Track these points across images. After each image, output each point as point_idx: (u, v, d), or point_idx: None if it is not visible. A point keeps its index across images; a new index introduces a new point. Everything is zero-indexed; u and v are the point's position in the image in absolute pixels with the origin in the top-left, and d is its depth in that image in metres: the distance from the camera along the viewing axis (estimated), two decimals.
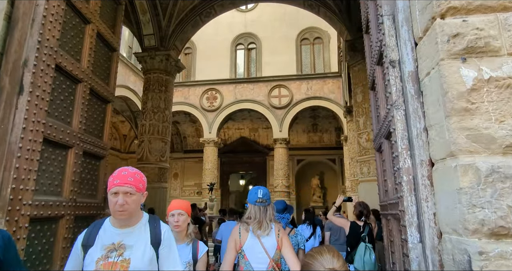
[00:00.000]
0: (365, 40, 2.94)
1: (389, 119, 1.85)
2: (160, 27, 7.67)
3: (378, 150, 2.57)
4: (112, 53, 3.13)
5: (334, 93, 15.81)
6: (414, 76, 1.55)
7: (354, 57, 7.00)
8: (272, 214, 2.16)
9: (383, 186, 2.54)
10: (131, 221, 1.60)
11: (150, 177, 7.11)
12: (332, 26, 8.06)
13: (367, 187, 6.20)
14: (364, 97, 6.63)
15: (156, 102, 7.49)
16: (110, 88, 3.06)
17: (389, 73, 1.70)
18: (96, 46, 2.81)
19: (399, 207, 1.63)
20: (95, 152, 2.74)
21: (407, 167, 1.53)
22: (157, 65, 7.66)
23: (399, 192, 1.63)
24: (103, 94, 2.91)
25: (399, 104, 1.62)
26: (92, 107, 2.77)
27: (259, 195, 2.17)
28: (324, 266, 1.09)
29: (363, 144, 6.48)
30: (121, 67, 14.96)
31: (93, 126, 2.79)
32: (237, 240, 2.14)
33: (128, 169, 1.66)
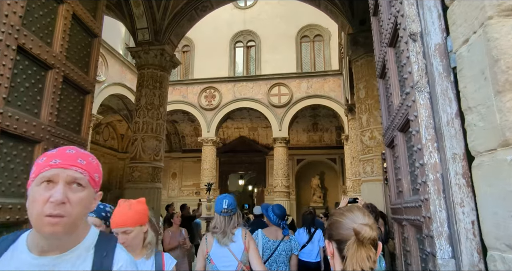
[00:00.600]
0: (372, 24, 2.64)
1: (407, 106, 1.54)
2: (155, 21, 7.37)
3: (389, 145, 2.26)
4: (92, 39, 2.83)
5: (335, 91, 15.51)
6: (442, 50, 1.24)
7: (356, 51, 6.70)
8: (237, 222, 2.26)
9: (395, 187, 2.24)
10: (67, 241, 0.89)
11: (144, 177, 6.81)
12: (333, 20, 7.77)
13: (370, 187, 5.90)
14: (367, 93, 6.33)
15: (150, 99, 7.19)
16: (90, 77, 2.76)
17: (408, 49, 1.40)
18: (72, 30, 2.51)
19: (422, 212, 1.33)
20: None
21: (434, 163, 1.23)
22: (151, 61, 7.36)
23: (422, 194, 1.33)
24: (81, 84, 2.61)
25: (422, 86, 1.32)
26: (67, 98, 2.47)
27: (224, 205, 2.22)
28: (356, 222, 1.02)
29: (366, 142, 6.19)
30: (118, 65, 14.67)
31: (68, 120, 2.49)
32: (203, 248, 2.26)
33: (76, 148, 0.99)
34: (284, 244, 2.83)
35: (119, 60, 14.62)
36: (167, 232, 3.59)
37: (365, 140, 6.22)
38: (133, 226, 1.59)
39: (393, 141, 2.09)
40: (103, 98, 13.66)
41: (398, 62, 1.89)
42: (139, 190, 6.72)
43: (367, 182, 6.07)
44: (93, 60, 2.81)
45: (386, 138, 2.29)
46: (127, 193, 6.91)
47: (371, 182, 5.97)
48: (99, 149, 19.25)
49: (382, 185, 5.78)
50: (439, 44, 1.25)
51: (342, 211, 1.11)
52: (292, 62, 16.69)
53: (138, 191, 6.72)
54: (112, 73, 14.18)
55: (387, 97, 2.35)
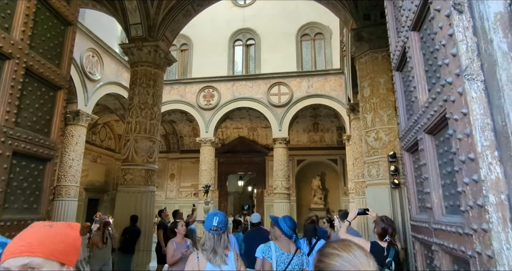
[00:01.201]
0: (386, 9, 2.28)
1: (443, 101, 1.19)
2: (148, 16, 7.01)
3: (409, 149, 1.91)
4: (66, 28, 2.48)
5: (336, 91, 15.15)
6: (506, 21, 0.89)
7: (360, 47, 6.35)
8: (228, 241, 2.18)
9: (416, 199, 1.89)
10: None
11: (136, 180, 6.46)
12: (336, 14, 7.41)
13: (376, 191, 5.56)
14: (372, 91, 5.98)
15: (144, 97, 6.83)
16: (63, 71, 2.41)
17: (452, 24, 1.05)
18: (38, 15, 2.17)
19: (473, 245, 0.97)
20: (35, 153, 2.09)
21: (495, 179, 0.88)
22: (144, 58, 7.00)
23: (474, 220, 0.98)
24: (50, 78, 2.26)
25: (474, 73, 0.97)
26: (32, 94, 2.12)
27: (214, 223, 2.12)
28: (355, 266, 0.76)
29: (371, 143, 5.84)
30: (114, 63, 14.32)
31: (34, 119, 2.13)
32: (194, 266, 2.15)
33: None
34: (297, 258, 2.55)
35: (115, 58, 14.26)
36: (171, 243, 3.09)
37: (370, 141, 5.87)
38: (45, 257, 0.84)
39: (416, 145, 1.74)
40: (98, 97, 13.31)
41: (425, 49, 1.54)
42: (132, 193, 6.38)
43: (372, 186, 5.72)
44: (66, 52, 2.46)
45: (405, 141, 1.94)
46: (119, 197, 6.56)
47: (377, 185, 5.62)
48: (95, 150, 18.91)
49: (389, 189, 5.43)
50: (501, 13, 0.90)
51: (336, 247, 0.84)
52: (293, 61, 16.33)
53: (130, 195, 6.38)
54: (107, 72, 13.82)
55: (406, 93, 2.00)
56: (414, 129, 1.69)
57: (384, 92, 5.91)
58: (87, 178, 18.06)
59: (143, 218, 6.35)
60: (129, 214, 6.26)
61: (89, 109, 12.54)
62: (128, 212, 6.26)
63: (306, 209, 18.87)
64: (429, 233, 1.53)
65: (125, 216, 6.17)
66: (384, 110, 5.82)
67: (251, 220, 4.14)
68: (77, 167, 11.59)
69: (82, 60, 12.13)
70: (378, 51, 6.16)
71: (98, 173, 19.01)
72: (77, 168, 11.56)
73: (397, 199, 5.35)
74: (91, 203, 18.27)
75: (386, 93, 5.89)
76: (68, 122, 11.78)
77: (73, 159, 11.44)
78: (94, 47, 12.94)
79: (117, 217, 6.37)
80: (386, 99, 5.87)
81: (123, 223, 6.05)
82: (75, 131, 11.72)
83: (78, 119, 11.86)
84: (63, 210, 10.89)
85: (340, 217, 3.86)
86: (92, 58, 12.90)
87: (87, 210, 17.82)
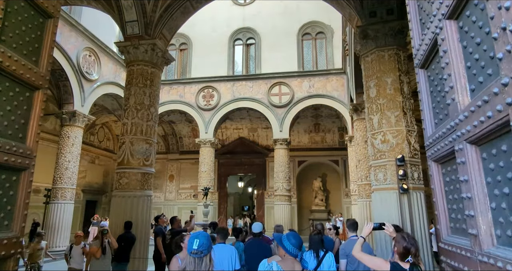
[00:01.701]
0: None
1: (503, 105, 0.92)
2: (145, 13, 6.74)
3: (439, 159, 1.64)
4: (45, 21, 2.21)
5: (338, 91, 14.88)
6: None
7: (366, 45, 6.08)
8: (210, 265, 2.05)
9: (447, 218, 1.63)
10: None
11: (132, 184, 6.18)
12: (340, 11, 7.14)
13: (383, 196, 5.28)
14: (378, 91, 5.71)
15: (140, 98, 6.56)
16: (41, 69, 2.14)
17: None
18: (11, 5, 1.90)
19: None
20: (6, 162, 1.82)
21: None
22: (141, 56, 6.72)
23: None
24: (25, 77, 1.99)
25: None
26: (3, 94, 1.85)
27: (194, 246, 1.98)
28: None
29: (378, 145, 5.56)
30: (111, 63, 14.05)
31: (5, 124, 1.87)
32: None
33: None
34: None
35: (113, 58, 13.99)
36: (175, 260, 2.72)
37: (377, 144, 5.60)
38: None
39: (450, 155, 1.47)
40: (95, 98, 13.03)
41: (467, 40, 1.27)
42: (127, 198, 6.10)
43: (379, 191, 5.44)
44: (46, 48, 2.19)
45: (434, 150, 1.67)
46: (113, 202, 6.28)
47: (384, 190, 5.34)
48: (93, 151, 18.64)
49: (397, 194, 5.16)
50: None
51: None
52: (293, 60, 16.06)
53: (125, 200, 6.10)
54: (105, 71, 13.55)
55: (433, 94, 1.73)
56: (450, 138, 1.42)
57: (391, 92, 5.63)
58: (85, 179, 17.80)
59: (139, 223, 6.07)
60: (124, 220, 5.98)
61: (86, 110, 12.26)
62: (124, 217, 5.99)
63: (307, 211, 18.61)
64: (472, 265, 1.26)
65: (120, 222, 5.90)
66: (392, 111, 5.55)
67: (253, 229, 3.87)
68: (74, 169, 11.32)
69: (78, 60, 11.86)
70: (385, 50, 5.89)
71: (96, 174, 18.75)
72: (73, 169, 11.29)
73: (406, 205, 5.08)
74: (89, 205, 18.01)
75: (394, 93, 5.62)
76: (64, 123, 11.51)
77: (69, 160, 11.17)
78: (91, 47, 12.67)
79: (112, 223, 6.09)
80: (393, 100, 5.60)
81: (118, 230, 5.77)
82: (72, 133, 11.44)
83: (75, 120, 11.58)
84: (58, 213, 10.62)
85: (348, 227, 3.58)
86: (89, 57, 12.63)
87: (85, 212, 17.57)
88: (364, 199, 10.14)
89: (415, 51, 1.91)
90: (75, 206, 15.08)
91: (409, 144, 5.40)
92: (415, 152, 5.43)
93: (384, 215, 5.17)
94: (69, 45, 11.43)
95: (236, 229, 4.26)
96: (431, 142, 1.71)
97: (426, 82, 1.82)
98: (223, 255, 3.44)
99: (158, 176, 20.07)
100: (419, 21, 1.86)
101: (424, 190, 5.33)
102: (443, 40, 1.42)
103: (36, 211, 13.68)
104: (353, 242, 3.40)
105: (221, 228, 3.71)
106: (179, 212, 19.29)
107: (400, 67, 5.77)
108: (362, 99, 10.74)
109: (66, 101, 11.78)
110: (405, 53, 6.00)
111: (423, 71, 1.85)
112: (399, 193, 5.13)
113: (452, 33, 1.35)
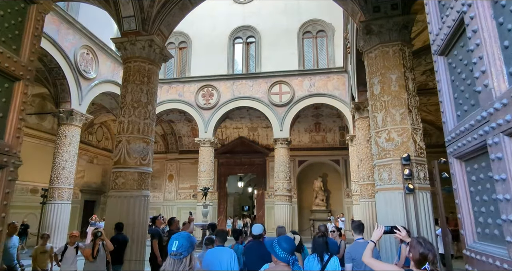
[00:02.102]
0: None
1: None
2: (142, 8, 6.56)
3: (463, 156, 1.47)
4: (27, 6, 2.03)
5: (339, 89, 14.70)
6: None
7: (370, 41, 5.90)
8: (190, 265, 2.00)
9: (473, 222, 1.45)
10: None
11: (129, 184, 6.00)
12: (342, 7, 6.96)
13: (388, 196, 5.10)
14: (383, 88, 5.53)
15: (137, 95, 6.37)
16: (22, 58, 1.96)
17: None
18: None
19: None
20: None
21: None
22: (138, 53, 6.54)
23: None
24: (4, 67, 1.81)
25: None
26: None
27: (173, 248, 1.97)
28: None
29: (382, 144, 5.38)
30: (110, 61, 13.86)
31: None
32: None
33: None
34: None
35: (111, 56, 13.80)
36: None
37: (381, 142, 5.42)
38: None
39: (478, 151, 1.29)
40: (93, 96, 12.83)
41: (503, 15, 1.09)
42: (123, 198, 5.92)
43: (383, 191, 5.26)
44: (28, 35, 2.01)
45: (457, 145, 1.49)
46: (109, 202, 6.10)
47: (389, 190, 5.16)
48: (92, 150, 18.46)
49: (403, 194, 4.98)
50: None
51: None
52: (294, 59, 15.87)
53: (122, 200, 5.92)
54: (103, 70, 13.36)
55: (454, 83, 1.56)
56: (480, 130, 1.24)
57: (396, 89, 5.45)
58: (83, 179, 17.62)
59: (136, 224, 5.90)
60: (120, 221, 5.81)
61: (83, 109, 12.07)
62: (120, 218, 5.81)
63: (307, 211, 18.43)
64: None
65: (116, 222, 5.72)
66: (397, 108, 5.37)
67: (252, 231, 3.69)
68: (71, 169, 11.13)
69: (76, 58, 11.67)
70: (389, 45, 5.71)
71: (95, 174, 18.56)
72: (70, 169, 11.10)
73: (412, 205, 4.90)
74: (87, 205, 17.82)
75: (399, 90, 5.44)
76: (61, 122, 11.32)
77: (66, 160, 10.98)
78: (89, 44, 12.48)
79: (108, 224, 5.91)
80: (398, 96, 5.42)
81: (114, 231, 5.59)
82: (69, 132, 11.24)
83: (72, 119, 11.39)
84: (55, 213, 10.43)
85: (354, 229, 3.40)
86: (87, 55, 12.44)
87: (83, 212, 17.38)
88: (367, 199, 9.95)
89: (433, 37, 1.73)
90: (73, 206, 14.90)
91: (415, 142, 5.22)
92: (421, 151, 5.25)
93: (389, 216, 5.00)
94: (66, 43, 11.24)
95: (235, 230, 4.08)
96: (454, 136, 1.53)
97: (446, 70, 1.64)
98: (221, 258, 3.28)
99: (157, 175, 19.89)
100: (438, 3, 1.68)
101: (430, 190, 5.15)
102: (472, 19, 1.24)
103: (33, 211, 13.51)
104: (359, 245, 3.22)
105: (220, 230, 3.53)
106: (178, 212, 19.11)
107: (405, 63, 5.59)
108: (364, 97, 10.58)
109: (63, 100, 11.59)
110: (410, 49, 5.82)
111: (443, 58, 1.67)
112: (404, 193, 4.95)
113: (484, 8, 1.17)
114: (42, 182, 13.07)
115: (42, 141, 14.92)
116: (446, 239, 5.45)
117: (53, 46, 10.67)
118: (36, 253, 5.45)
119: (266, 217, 18.26)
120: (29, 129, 14.35)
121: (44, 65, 11.09)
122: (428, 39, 10.14)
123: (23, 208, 13.99)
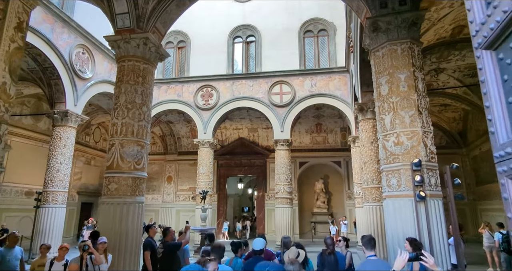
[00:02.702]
0: None
1: None
2: (136, 4, 6.23)
3: None
4: None
5: (341, 90, 14.38)
6: None
7: (377, 39, 5.58)
8: None
9: None
10: None
11: (122, 190, 5.67)
12: (347, 3, 6.64)
13: (397, 204, 4.78)
14: (391, 89, 5.22)
15: (131, 96, 6.05)
16: None
17: None
18: None
19: None
20: None
21: None
22: (132, 51, 6.22)
23: None
24: None
25: None
26: None
27: None
28: None
29: (390, 148, 5.07)
30: (107, 61, 13.53)
31: None
32: None
33: None
34: None
35: (108, 56, 13.47)
36: None
37: (389, 146, 5.09)
38: None
39: None
40: (89, 97, 12.50)
41: None
42: (116, 205, 5.59)
43: (392, 198, 4.93)
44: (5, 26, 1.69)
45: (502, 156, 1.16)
46: (101, 209, 5.78)
47: (398, 197, 4.84)
48: (89, 151, 18.13)
49: (413, 202, 4.66)
50: None
51: None
52: (295, 58, 15.54)
53: (114, 207, 5.60)
54: (99, 69, 13.03)
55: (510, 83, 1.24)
56: None
57: (405, 90, 5.13)
58: (80, 181, 17.29)
59: (129, 233, 5.58)
60: (113, 229, 5.50)
61: (79, 110, 11.74)
62: (113, 226, 5.50)
63: (308, 213, 18.09)
64: None
65: (109, 231, 5.40)
66: (406, 110, 5.05)
67: (253, 246, 3.37)
68: (66, 171, 10.81)
69: (71, 57, 11.34)
70: (397, 43, 5.38)
71: (92, 176, 18.22)
72: (65, 172, 10.78)
73: (423, 214, 4.57)
74: (84, 207, 17.50)
75: (408, 91, 5.12)
76: (55, 123, 10.99)
77: (61, 162, 10.65)
78: (85, 44, 12.15)
79: (100, 232, 5.58)
80: (407, 98, 5.09)
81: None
82: (63, 133, 10.91)
83: (67, 120, 11.05)
84: (49, 217, 10.10)
85: (365, 244, 3.07)
86: (83, 55, 12.11)
87: (80, 214, 17.06)
88: (371, 203, 9.63)
89: (476, 28, 1.41)
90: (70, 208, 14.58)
91: (425, 146, 4.89)
92: (432, 155, 4.92)
93: (398, 226, 4.68)
94: (61, 42, 10.92)
95: (234, 243, 3.76)
96: (509, 152, 1.20)
97: (496, 68, 1.32)
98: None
99: (156, 177, 19.57)
100: None
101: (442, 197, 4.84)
102: None
103: (29, 214, 13.18)
104: (371, 263, 2.91)
105: (217, 246, 3.21)
106: (177, 215, 18.80)
107: (414, 62, 5.27)
108: (368, 98, 10.26)
109: (58, 100, 11.27)
110: (419, 47, 5.50)
111: (490, 53, 1.35)
112: (415, 201, 4.63)
113: None
114: (38, 185, 12.76)
115: (38, 142, 14.60)
116: (459, 249, 5.12)
117: (47, 45, 10.34)
118: (34, 266, 4.97)
119: (266, 219, 17.95)
120: (24, 130, 14.05)
121: (38, 65, 10.77)
122: (433, 38, 9.76)
123: (18, 211, 13.68)
